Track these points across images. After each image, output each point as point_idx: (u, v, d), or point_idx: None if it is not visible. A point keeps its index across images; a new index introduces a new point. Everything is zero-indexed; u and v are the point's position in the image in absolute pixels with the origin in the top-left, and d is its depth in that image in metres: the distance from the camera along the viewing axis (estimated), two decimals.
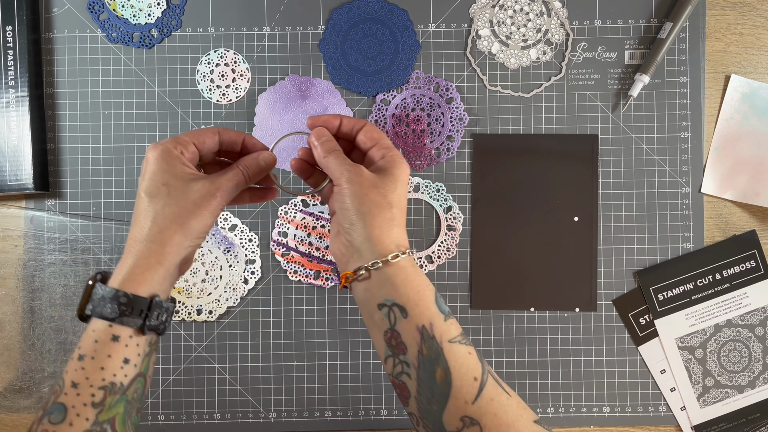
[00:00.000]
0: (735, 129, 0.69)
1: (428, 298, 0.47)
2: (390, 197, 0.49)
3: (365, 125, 0.53)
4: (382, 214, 0.48)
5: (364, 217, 0.48)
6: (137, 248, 0.46)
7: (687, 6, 0.67)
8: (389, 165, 0.50)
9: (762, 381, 0.68)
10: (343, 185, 0.49)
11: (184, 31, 0.69)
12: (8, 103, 0.66)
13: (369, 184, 0.49)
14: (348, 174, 0.49)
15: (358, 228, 0.48)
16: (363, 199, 0.48)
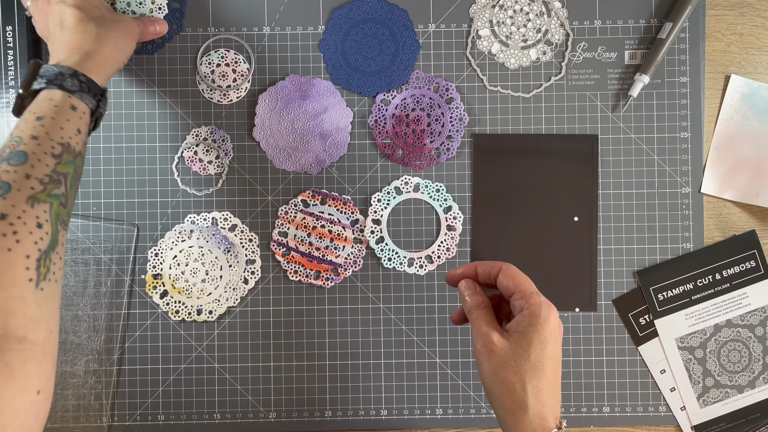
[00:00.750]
0: (735, 129, 0.69)
1: None
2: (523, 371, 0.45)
3: (501, 268, 0.49)
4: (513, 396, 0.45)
5: (497, 398, 0.46)
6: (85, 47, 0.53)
7: (687, 6, 0.67)
8: (527, 322, 0.46)
9: (762, 381, 0.68)
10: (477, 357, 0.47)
11: (184, 31, 0.69)
12: (8, 103, 0.66)
13: (500, 360, 0.45)
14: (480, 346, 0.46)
15: (494, 404, 0.46)
16: (493, 378, 0.45)
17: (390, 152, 0.68)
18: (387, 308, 0.68)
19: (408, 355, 0.68)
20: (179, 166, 0.69)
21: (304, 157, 0.68)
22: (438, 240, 0.68)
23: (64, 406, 0.67)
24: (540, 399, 0.45)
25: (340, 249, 0.68)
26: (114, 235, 0.68)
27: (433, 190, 0.68)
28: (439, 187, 0.68)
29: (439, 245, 0.68)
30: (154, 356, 0.68)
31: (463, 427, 0.68)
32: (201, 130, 0.68)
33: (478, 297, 0.49)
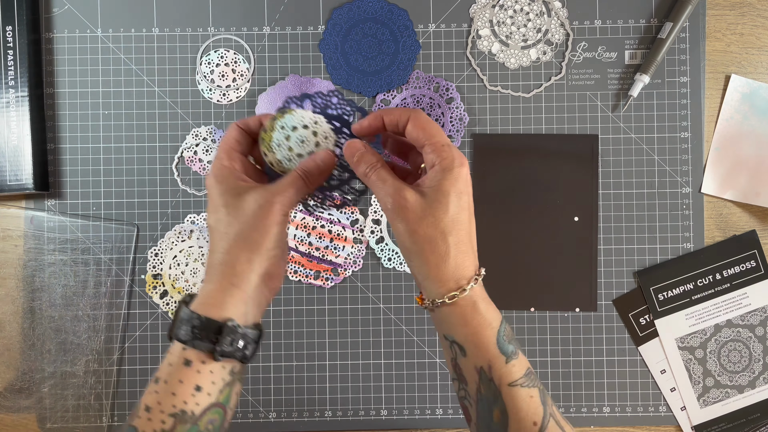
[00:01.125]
0: (735, 129, 0.69)
1: (488, 338, 0.43)
2: (442, 224, 0.43)
3: (411, 115, 0.45)
4: (436, 251, 0.43)
5: (418, 256, 0.44)
6: (212, 273, 0.45)
7: (687, 6, 0.67)
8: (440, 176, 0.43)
9: (762, 381, 0.68)
10: (391, 216, 0.44)
11: (184, 31, 0.69)
12: (8, 103, 0.66)
13: (416, 216, 0.43)
14: (392, 204, 0.43)
15: (414, 265, 0.44)
16: (413, 237, 0.43)
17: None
18: (387, 308, 0.68)
19: (408, 355, 0.68)
20: (179, 166, 0.69)
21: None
22: None
23: (64, 406, 0.67)
24: (460, 249, 0.44)
25: (340, 249, 0.68)
26: (114, 235, 0.68)
27: None
28: None
29: None
30: (154, 356, 0.68)
31: (463, 427, 0.68)
32: (201, 130, 0.68)
33: (373, 156, 0.46)
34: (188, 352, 0.43)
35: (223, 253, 0.44)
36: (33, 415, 0.68)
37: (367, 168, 0.45)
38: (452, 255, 0.43)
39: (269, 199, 0.44)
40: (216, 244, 0.45)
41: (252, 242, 0.44)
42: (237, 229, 0.44)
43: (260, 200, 0.44)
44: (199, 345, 0.43)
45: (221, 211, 0.45)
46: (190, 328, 0.43)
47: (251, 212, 0.44)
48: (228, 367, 0.44)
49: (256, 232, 0.44)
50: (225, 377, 0.44)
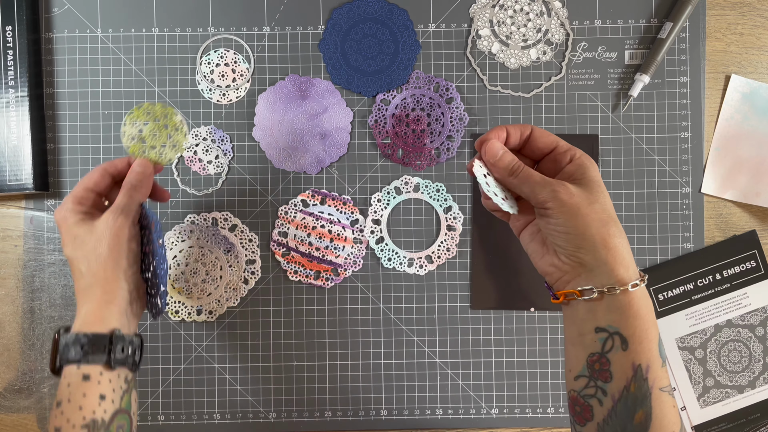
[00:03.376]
0: (735, 129, 0.69)
1: (654, 338, 0.44)
2: (608, 209, 0.45)
3: (533, 129, 0.49)
4: (611, 233, 0.44)
5: (594, 240, 0.44)
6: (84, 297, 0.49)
7: (687, 6, 0.67)
8: (582, 170, 0.46)
9: (762, 381, 0.68)
10: (554, 209, 0.45)
11: (184, 31, 0.69)
12: (8, 103, 0.66)
13: (585, 202, 0.44)
14: (557, 194, 0.45)
15: (587, 251, 0.44)
16: (589, 220, 0.44)
17: (390, 152, 0.68)
18: (387, 308, 0.68)
19: (408, 355, 0.68)
20: (179, 166, 0.69)
21: (304, 157, 0.68)
22: (438, 240, 0.68)
23: None
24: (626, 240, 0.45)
25: (340, 249, 0.68)
26: None
27: (433, 190, 0.68)
28: (439, 187, 0.68)
29: (439, 245, 0.68)
30: (154, 356, 0.68)
31: (463, 427, 0.68)
32: (201, 130, 0.68)
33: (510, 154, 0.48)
34: (83, 368, 0.46)
35: (90, 276, 0.49)
36: (33, 415, 0.68)
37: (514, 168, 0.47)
38: (622, 241, 0.45)
39: (115, 219, 0.50)
40: (79, 272, 0.50)
41: (112, 260, 0.49)
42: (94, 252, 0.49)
43: (108, 222, 0.50)
44: (93, 359, 0.47)
45: (75, 242, 0.50)
46: (79, 347, 0.47)
47: (102, 234, 0.50)
48: (122, 376, 0.48)
49: (113, 250, 0.49)
50: (122, 385, 0.48)
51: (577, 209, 0.44)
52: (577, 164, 0.46)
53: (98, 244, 0.49)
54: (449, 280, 0.68)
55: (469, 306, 0.68)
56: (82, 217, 0.51)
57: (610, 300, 0.44)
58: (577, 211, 0.44)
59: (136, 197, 0.52)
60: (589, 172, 0.46)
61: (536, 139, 0.48)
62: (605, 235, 0.44)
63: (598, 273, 0.44)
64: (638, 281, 0.44)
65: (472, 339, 0.68)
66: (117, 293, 0.49)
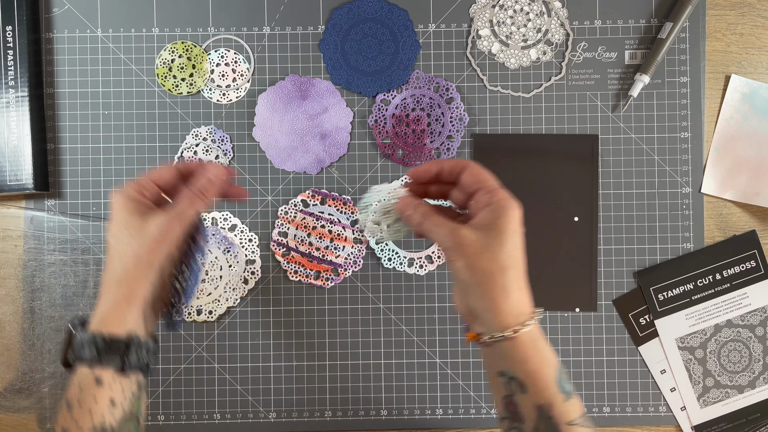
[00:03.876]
0: (735, 129, 0.69)
1: (549, 376, 0.45)
2: (500, 259, 0.45)
3: (468, 166, 0.49)
4: (495, 284, 0.45)
5: (478, 288, 0.45)
6: (108, 291, 0.47)
7: (687, 6, 0.67)
8: (495, 215, 0.46)
9: (762, 381, 0.68)
10: (451, 255, 0.46)
11: (184, 31, 0.69)
12: (8, 103, 0.66)
13: (474, 251, 0.45)
14: (451, 242, 0.46)
15: (474, 297, 0.46)
16: (473, 270, 0.45)
17: (390, 152, 0.68)
18: (387, 308, 0.68)
19: (408, 355, 0.68)
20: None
21: (304, 157, 0.68)
22: None
23: None
24: (518, 285, 0.46)
25: (340, 249, 0.68)
26: None
27: None
28: None
29: None
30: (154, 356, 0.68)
31: (463, 427, 0.68)
32: (201, 130, 0.68)
33: (423, 205, 0.49)
34: (97, 371, 0.45)
35: (121, 270, 0.47)
36: (33, 415, 0.68)
37: (421, 217, 0.48)
38: (511, 290, 0.45)
39: (170, 223, 0.48)
40: (113, 262, 0.48)
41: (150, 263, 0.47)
42: (136, 250, 0.47)
43: (161, 225, 0.47)
44: (107, 363, 0.45)
45: (123, 231, 0.48)
46: (94, 348, 0.45)
47: (151, 236, 0.47)
48: (134, 380, 0.47)
49: (153, 254, 0.47)
50: (133, 389, 0.47)
51: (467, 256, 0.45)
52: (492, 209, 0.46)
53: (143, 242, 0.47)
54: (449, 280, 0.68)
55: None
56: (139, 208, 0.48)
57: (500, 346, 0.45)
58: (467, 259, 0.45)
59: (197, 205, 0.49)
60: (501, 219, 0.46)
61: (463, 180, 0.49)
62: (492, 284, 0.45)
63: (485, 319, 0.45)
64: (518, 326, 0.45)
65: None
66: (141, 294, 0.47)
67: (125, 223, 0.48)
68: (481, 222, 0.46)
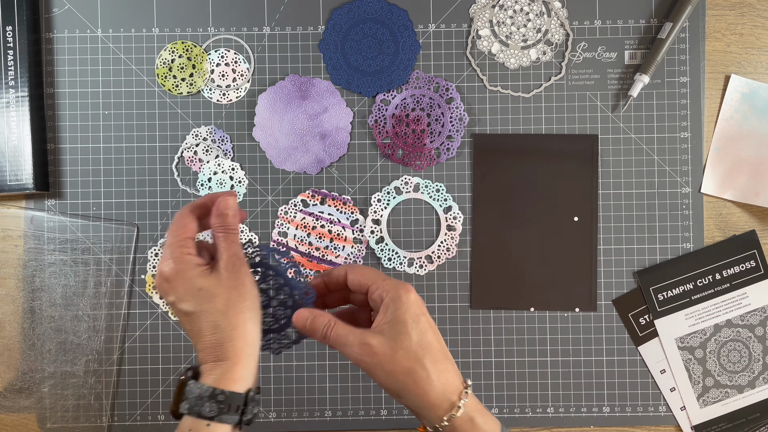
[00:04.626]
0: (735, 129, 0.69)
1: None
2: (414, 351, 0.45)
3: (350, 269, 0.49)
4: (418, 380, 0.45)
5: (405, 391, 0.45)
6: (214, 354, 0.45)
7: (687, 6, 0.67)
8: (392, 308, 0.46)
9: (762, 381, 0.68)
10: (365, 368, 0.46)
11: (184, 31, 0.69)
12: (8, 103, 0.66)
13: (388, 357, 0.45)
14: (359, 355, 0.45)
15: (406, 400, 0.46)
16: (392, 376, 0.45)
17: (390, 152, 0.68)
18: None
19: None
20: (179, 166, 0.69)
21: (304, 157, 0.68)
22: (438, 240, 0.68)
23: (64, 406, 0.67)
24: (439, 368, 0.46)
25: (340, 249, 0.68)
26: (114, 235, 0.68)
27: (433, 190, 0.68)
28: (439, 187, 0.68)
29: (439, 245, 0.68)
30: (154, 356, 0.68)
31: None
32: (201, 130, 0.68)
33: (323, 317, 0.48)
34: (213, 426, 0.44)
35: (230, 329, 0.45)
36: (33, 415, 0.68)
37: (324, 329, 0.47)
38: (434, 377, 0.45)
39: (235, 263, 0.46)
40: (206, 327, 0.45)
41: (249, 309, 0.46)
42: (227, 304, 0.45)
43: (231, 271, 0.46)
44: (226, 419, 0.44)
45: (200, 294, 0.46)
46: (215, 404, 0.44)
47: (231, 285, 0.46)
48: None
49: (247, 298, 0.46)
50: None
51: (381, 366, 0.45)
52: (385, 305, 0.46)
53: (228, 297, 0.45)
54: (449, 280, 0.68)
55: (469, 306, 0.68)
56: (204, 268, 0.46)
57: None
58: (383, 368, 0.45)
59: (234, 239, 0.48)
60: (398, 311, 0.46)
61: (350, 283, 0.49)
62: (412, 384, 0.45)
63: (423, 415, 0.46)
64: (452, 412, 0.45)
65: (472, 339, 0.68)
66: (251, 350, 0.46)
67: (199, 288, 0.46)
68: (382, 321, 0.46)
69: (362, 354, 0.45)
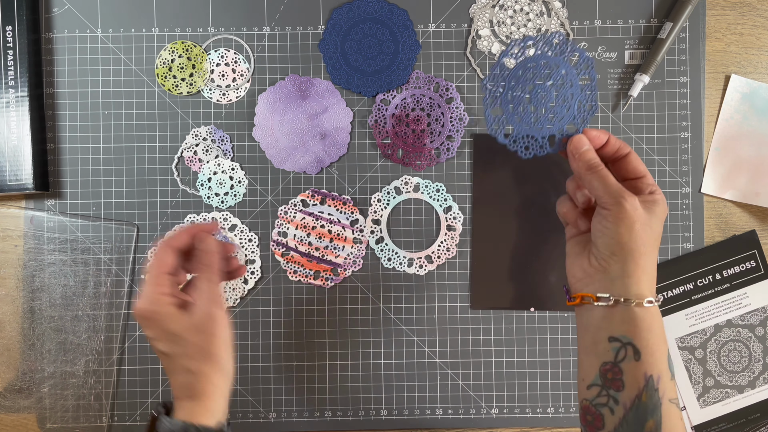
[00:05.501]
0: (735, 129, 0.69)
1: (664, 352, 0.47)
2: (655, 236, 0.48)
3: (631, 152, 0.52)
4: (649, 255, 0.47)
5: (631, 253, 0.47)
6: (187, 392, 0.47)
7: (687, 6, 0.67)
8: (655, 205, 0.49)
9: (762, 381, 0.68)
10: (614, 213, 0.48)
11: (184, 31, 0.69)
12: (8, 103, 0.66)
13: (644, 220, 0.47)
14: (625, 202, 0.47)
15: (619, 260, 0.47)
16: (636, 235, 0.47)
17: (390, 152, 0.68)
18: (387, 308, 0.68)
19: (408, 355, 0.68)
20: (179, 166, 0.69)
21: (304, 157, 0.68)
22: (438, 240, 0.68)
23: (64, 406, 0.67)
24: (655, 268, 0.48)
25: (340, 249, 0.68)
26: (114, 235, 0.68)
27: (433, 190, 0.68)
28: (439, 187, 0.68)
29: (439, 245, 0.68)
30: (154, 356, 0.68)
31: (463, 427, 0.68)
32: (201, 130, 0.68)
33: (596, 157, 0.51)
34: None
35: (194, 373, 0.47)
36: (33, 415, 0.68)
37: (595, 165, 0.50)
38: (652, 267, 0.48)
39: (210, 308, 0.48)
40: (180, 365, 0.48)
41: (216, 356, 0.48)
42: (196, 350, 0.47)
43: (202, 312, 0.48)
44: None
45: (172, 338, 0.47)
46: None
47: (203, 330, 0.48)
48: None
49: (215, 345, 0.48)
50: None
51: (632, 222, 0.47)
52: (653, 199, 0.49)
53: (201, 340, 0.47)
54: (449, 280, 0.68)
55: (469, 306, 0.68)
56: (176, 311, 0.48)
57: (625, 311, 0.46)
58: (632, 224, 0.47)
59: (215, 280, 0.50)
60: (659, 207, 0.49)
61: (629, 162, 0.51)
62: (642, 253, 0.47)
63: (619, 284, 0.47)
64: (653, 299, 0.47)
65: (472, 339, 0.68)
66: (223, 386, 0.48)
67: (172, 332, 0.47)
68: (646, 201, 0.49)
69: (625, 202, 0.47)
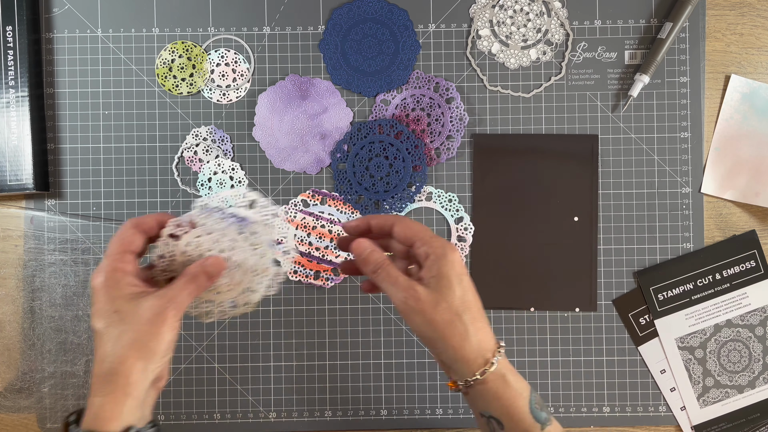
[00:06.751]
0: (735, 129, 0.69)
1: (522, 408, 0.47)
2: (455, 306, 0.46)
3: (396, 221, 0.50)
4: (455, 331, 0.46)
5: (442, 342, 0.46)
6: (102, 384, 0.44)
7: (687, 6, 0.67)
8: (437, 266, 0.47)
9: (762, 381, 0.68)
10: (405, 313, 0.47)
11: (184, 31, 0.69)
12: (8, 103, 0.66)
13: (430, 307, 0.46)
14: (405, 300, 0.46)
15: (439, 350, 0.47)
16: (431, 325, 0.46)
17: None
18: (387, 308, 0.68)
19: (408, 355, 0.68)
20: (179, 166, 0.69)
21: (304, 157, 0.68)
22: None
23: (64, 406, 0.67)
24: (476, 325, 0.47)
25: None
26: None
27: (445, 200, 0.68)
28: (451, 197, 0.68)
29: None
30: None
31: (463, 427, 0.68)
32: (201, 130, 0.68)
33: (381, 254, 0.49)
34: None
35: (116, 363, 0.43)
36: (33, 415, 0.68)
37: (376, 267, 0.48)
38: (471, 332, 0.47)
39: (164, 305, 0.44)
40: (105, 352, 0.44)
41: (148, 351, 0.44)
42: (131, 336, 0.43)
43: (155, 308, 0.44)
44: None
45: (113, 317, 0.44)
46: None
47: (146, 320, 0.44)
48: None
49: (153, 340, 0.44)
50: None
51: (423, 314, 0.46)
52: (431, 261, 0.47)
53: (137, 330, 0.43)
54: None
55: None
56: (131, 292, 0.45)
57: (474, 390, 0.47)
58: (424, 316, 0.46)
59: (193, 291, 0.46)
60: (444, 268, 0.47)
61: (396, 234, 0.49)
62: (450, 336, 0.46)
63: (456, 368, 0.47)
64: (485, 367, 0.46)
65: None
66: (139, 386, 0.44)
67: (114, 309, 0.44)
68: (426, 275, 0.47)
69: (407, 297, 0.46)
